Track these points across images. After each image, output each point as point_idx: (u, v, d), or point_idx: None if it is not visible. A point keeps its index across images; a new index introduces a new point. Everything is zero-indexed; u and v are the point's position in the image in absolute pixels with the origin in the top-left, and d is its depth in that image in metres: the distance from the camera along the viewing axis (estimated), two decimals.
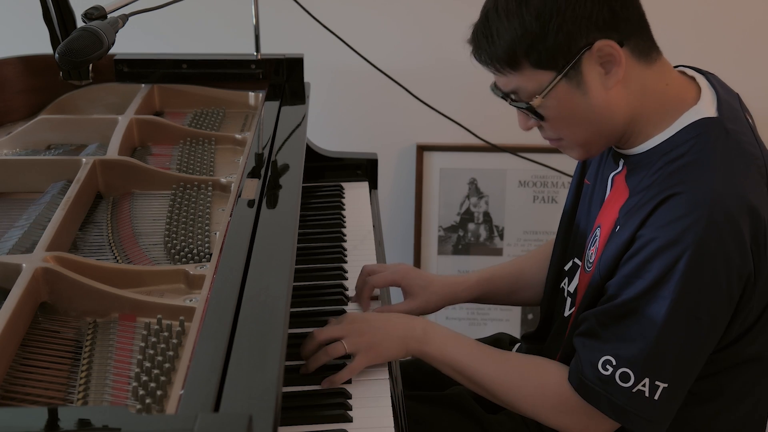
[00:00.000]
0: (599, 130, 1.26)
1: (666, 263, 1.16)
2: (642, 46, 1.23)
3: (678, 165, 1.20)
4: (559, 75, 1.20)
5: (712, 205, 1.15)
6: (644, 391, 1.19)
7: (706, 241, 1.14)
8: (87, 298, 1.16)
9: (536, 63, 1.21)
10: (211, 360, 1.01)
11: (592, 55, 1.19)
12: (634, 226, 1.20)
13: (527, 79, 1.22)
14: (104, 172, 1.50)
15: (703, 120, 1.22)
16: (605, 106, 1.23)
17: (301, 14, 1.99)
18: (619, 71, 1.20)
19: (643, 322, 1.19)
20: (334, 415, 1.25)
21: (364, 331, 1.33)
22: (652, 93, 1.24)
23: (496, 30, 1.21)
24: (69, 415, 0.88)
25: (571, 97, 1.22)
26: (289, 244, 1.30)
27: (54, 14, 1.60)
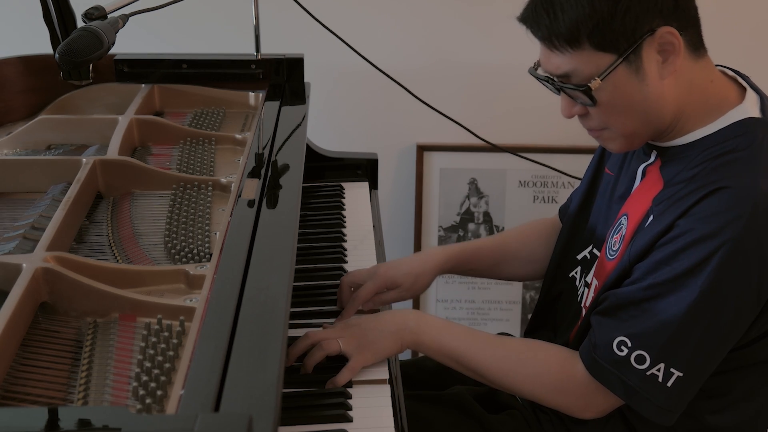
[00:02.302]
0: (648, 120, 1.24)
1: (700, 255, 1.16)
2: (695, 40, 1.23)
3: (724, 160, 1.20)
4: (621, 58, 1.18)
5: (756, 203, 1.15)
6: (658, 375, 1.19)
7: (744, 239, 1.14)
8: (87, 298, 1.16)
9: (598, 44, 1.18)
10: (211, 360, 1.01)
11: (654, 41, 1.18)
12: (675, 215, 1.20)
13: (585, 61, 1.20)
14: (104, 172, 1.50)
15: (749, 119, 1.23)
16: (658, 96, 1.22)
17: (301, 14, 1.99)
18: (676, 61, 1.20)
19: (666, 307, 1.18)
20: (334, 415, 1.25)
21: (358, 333, 1.34)
22: (697, 88, 1.24)
23: (560, 4, 1.19)
24: (69, 415, 0.88)
25: (627, 83, 1.20)
26: (289, 244, 1.30)
27: (54, 14, 1.60)
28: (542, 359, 1.30)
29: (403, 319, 1.36)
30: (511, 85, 2.47)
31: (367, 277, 1.53)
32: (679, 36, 1.19)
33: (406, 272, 1.55)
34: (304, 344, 1.33)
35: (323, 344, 1.31)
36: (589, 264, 1.42)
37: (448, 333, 1.35)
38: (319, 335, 1.33)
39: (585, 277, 1.43)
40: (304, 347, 1.33)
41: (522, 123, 2.49)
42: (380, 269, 1.55)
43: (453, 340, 1.34)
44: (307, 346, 1.33)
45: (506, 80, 2.47)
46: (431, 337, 1.34)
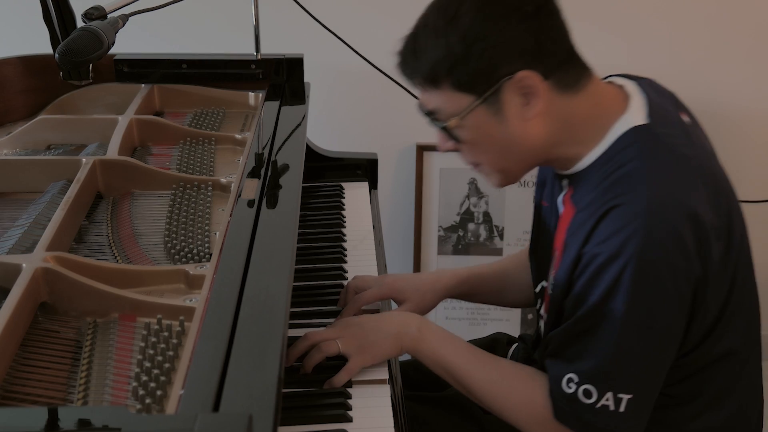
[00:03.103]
0: (516, 158, 1.27)
1: (612, 277, 1.16)
2: (568, 79, 1.23)
3: (614, 178, 1.20)
4: (478, 100, 1.21)
5: (649, 213, 1.14)
6: (608, 405, 1.20)
7: (647, 250, 1.14)
8: (87, 298, 1.16)
9: (457, 85, 1.21)
10: (211, 360, 1.01)
11: (513, 84, 1.19)
12: (579, 243, 1.21)
13: (447, 100, 1.23)
14: (104, 172, 1.50)
15: (633, 129, 1.22)
16: (522, 137, 1.23)
17: (301, 14, 1.99)
18: (538, 104, 1.21)
19: (599, 337, 1.19)
20: (334, 415, 1.25)
21: (358, 333, 1.33)
22: (579, 118, 1.24)
23: (422, 46, 1.22)
24: (69, 415, 0.88)
25: (488, 123, 1.23)
26: (289, 244, 1.30)
27: (54, 14, 1.60)
28: (530, 389, 1.30)
29: (405, 323, 1.36)
30: None
31: (374, 284, 1.53)
32: (540, 81, 1.19)
33: (414, 287, 1.55)
34: (304, 345, 1.33)
35: (322, 346, 1.31)
36: (542, 296, 1.43)
37: (448, 346, 1.34)
38: (318, 336, 1.33)
39: (540, 310, 1.44)
40: (303, 348, 1.33)
41: None
42: (388, 278, 1.56)
43: (451, 354, 1.33)
44: (306, 347, 1.33)
45: None
46: (430, 347, 1.34)
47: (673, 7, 2.46)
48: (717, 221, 1.19)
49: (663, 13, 2.47)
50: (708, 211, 1.18)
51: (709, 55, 2.47)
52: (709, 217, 1.18)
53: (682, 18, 2.46)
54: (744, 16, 2.45)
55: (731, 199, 1.25)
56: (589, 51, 2.50)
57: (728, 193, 1.25)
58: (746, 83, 2.51)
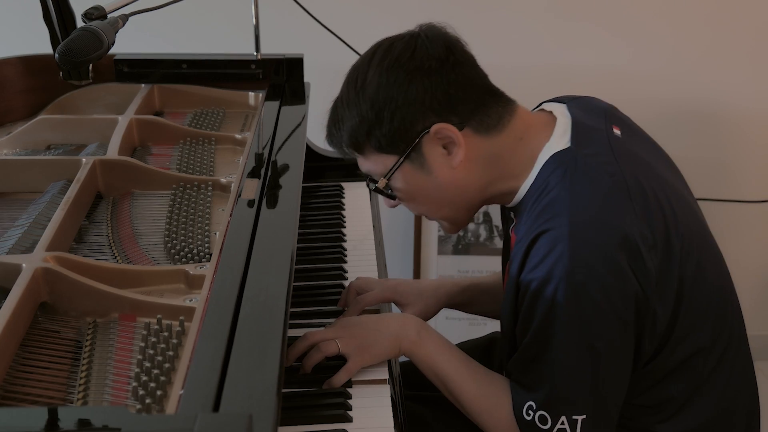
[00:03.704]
0: (454, 204, 1.31)
1: (546, 302, 1.17)
2: (487, 122, 1.26)
3: (541, 205, 1.22)
4: (401, 158, 1.26)
5: (572, 236, 1.16)
6: (565, 428, 1.21)
7: (574, 272, 1.15)
8: (87, 298, 1.16)
9: (378, 147, 1.27)
10: (211, 360, 1.01)
11: (431, 138, 1.24)
12: (515, 272, 1.23)
13: (374, 162, 1.30)
14: (104, 172, 1.50)
15: (554, 155, 1.24)
16: (452, 184, 1.27)
17: (301, 14, 1.99)
18: (459, 152, 1.25)
19: (545, 362, 1.21)
20: (334, 415, 1.25)
21: (357, 333, 1.34)
22: (505, 154, 1.27)
23: (340, 118, 1.30)
24: (69, 415, 0.88)
25: (416, 177, 1.28)
26: (289, 244, 1.30)
27: (54, 14, 1.60)
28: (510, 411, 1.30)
29: (405, 325, 1.36)
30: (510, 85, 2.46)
31: (377, 286, 1.54)
32: (456, 131, 1.23)
33: (417, 292, 1.55)
34: (303, 345, 1.33)
35: (321, 346, 1.31)
36: None
37: (444, 354, 1.35)
38: (318, 336, 1.33)
39: None
40: (303, 348, 1.33)
41: None
42: (391, 282, 1.57)
43: (446, 363, 1.34)
44: (306, 347, 1.33)
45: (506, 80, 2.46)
46: (427, 353, 1.34)
47: (673, 7, 2.46)
48: (649, 233, 1.19)
49: (664, 13, 2.47)
50: (637, 225, 1.18)
51: (710, 55, 2.47)
52: (639, 231, 1.18)
53: (682, 18, 2.46)
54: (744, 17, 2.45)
55: (666, 207, 1.24)
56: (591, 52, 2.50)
57: (662, 202, 1.24)
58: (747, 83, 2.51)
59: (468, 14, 2.44)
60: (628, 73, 2.49)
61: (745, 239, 2.60)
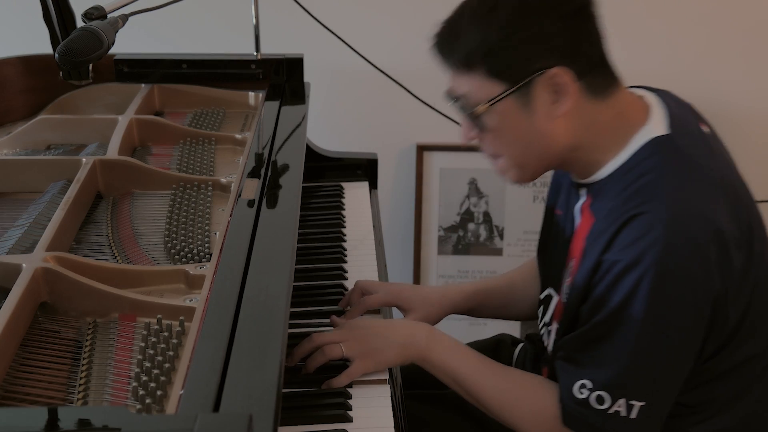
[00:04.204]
0: (538, 154, 1.27)
1: (630, 284, 1.16)
2: (598, 84, 1.24)
3: (635, 187, 1.20)
4: (510, 89, 1.21)
5: (669, 223, 1.15)
6: (620, 411, 1.20)
7: (666, 260, 1.14)
8: (87, 298, 1.16)
9: (490, 72, 1.22)
10: (211, 360, 1.01)
11: (545, 80, 1.20)
12: (599, 251, 1.21)
13: (478, 86, 1.23)
14: (104, 172, 1.50)
15: (654, 139, 1.23)
16: (545, 134, 1.24)
17: (301, 14, 1.99)
18: (566, 103, 1.21)
19: (614, 344, 1.19)
20: (334, 415, 1.25)
21: (363, 337, 1.33)
22: (602, 124, 1.25)
23: (461, 30, 1.23)
24: (69, 415, 0.88)
25: (515, 115, 1.23)
26: (289, 244, 1.30)
27: (54, 14, 1.60)
28: (540, 398, 1.30)
29: (412, 332, 1.35)
30: None
31: (381, 289, 1.53)
32: (573, 80, 1.20)
33: (421, 298, 1.54)
34: (308, 347, 1.32)
35: (325, 349, 1.31)
36: (548, 304, 1.42)
37: (457, 355, 1.33)
38: (323, 338, 1.33)
39: (544, 318, 1.44)
40: (308, 349, 1.32)
41: None
42: (396, 285, 1.56)
43: (460, 364, 1.33)
44: (311, 349, 1.32)
45: None
46: (439, 357, 1.33)
47: (669, 6, 2.46)
48: (737, 232, 1.19)
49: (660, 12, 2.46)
50: (728, 222, 1.18)
51: (707, 54, 2.47)
52: (729, 228, 1.18)
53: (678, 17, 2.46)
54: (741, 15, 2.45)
55: (751, 209, 1.25)
56: None
57: (748, 203, 1.25)
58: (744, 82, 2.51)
59: None
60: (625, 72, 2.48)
61: None
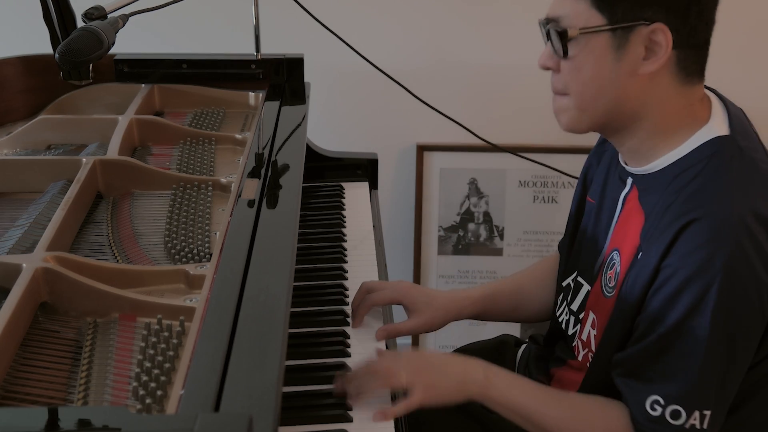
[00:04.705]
0: (603, 103, 1.23)
1: (697, 292, 1.14)
2: (688, 64, 1.21)
3: (694, 187, 1.18)
4: (609, 26, 1.18)
5: (736, 228, 1.12)
6: (695, 423, 1.17)
7: (735, 265, 1.12)
8: (87, 298, 1.16)
9: (598, 2, 1.19)
10: (211, 360, 1.01)
11: (646, 33, 1.17)
12: (658, 256, 1.18)
13: (580, 12, 1.20)
14: (104, 172, 1.50)
15: (716, 139, 1.21)
16: (622, 86, 1.21)
17: (301, 14, 1.99)
18: (655, 64, 1.19)
19: (683, 355, 1.16)
20: (335, 415, 1.25)
21: (423, 369, 1.29)
22: (673, 107, 1.22)
23: None
24: (69, 415, 0.88)
25: (603, 53, 1.20)
26: (289, 244, 1.30)
27: (54, 14, 1.60)
28: (609, 419, 1.26)
29: (469, 370, 1.31)
30: (511, 85, 2.47)
31: (389, 287, 1.53)
32: (671, 42, 1.17)
33: (426, 301, 1.53)
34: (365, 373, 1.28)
35: (390, 380, 1.27)
36: (575, 292, 1.40)
37: (517, 388, 1.30)
38: (383, 367, 1.29)
39: (569, 305, 1.42)
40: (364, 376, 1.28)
41: (522, 123, 2.49)
42: (404, 284, 1.55)
43: (522, 397, 1.29)
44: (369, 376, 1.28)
45: (506, 80, 2.47)
46: (501, 393, 1.29)
47: None
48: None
49: None
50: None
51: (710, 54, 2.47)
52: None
53: None
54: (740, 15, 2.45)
55: None
56: None
57: None
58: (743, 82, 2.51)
59: (468, 14, 2.44)
60: None
61: None
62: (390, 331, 1.48)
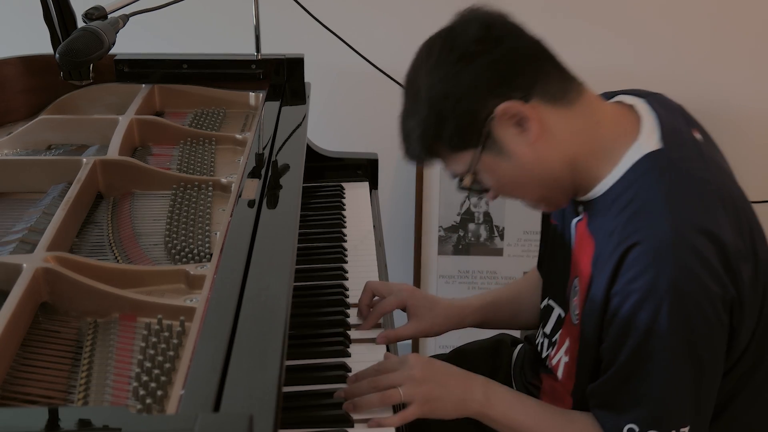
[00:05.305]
0: (545, 184, 1.25)
1: (649, 317, 1.14)
2: (553, 91, 1.21)
3: (632, 210, 1.17)
4: (478, 150, 1.21)
5: (675, 246, 1.12)
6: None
7: (681, 283, 1.12)
8: (87, 298, 1.16)
9: (451, 147, 1.23)
10: (211, 360, 1.01)
11: (499, 120, 1.19)
12: (606, 284, 1.18)
13: (455, 163, 1.25)
14: (105, 172, 1.50)
15: (646, 156, 1.20)
16: (536, 162, 1.22)
17: (301, 14, 1.99)
18: (533, 125, 1.19)
19: (648, 379, 1.17)
20: (335, 416, 1.25)
21: (425, 381, 1.28)
22: (583, 134, 1.22)
23: (408, 130, 1.25)
24: (69, 415, 0.88)
25: (499, 165, 1.23)
26: (289, 244, 1.30)
27: (54, 14, 1.60)
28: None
29: (470, 387, 1.30)
30: None
31: (392, 289, 1.53)
32: (522, 104, 1.18)
33: (428, 307, 1.53)
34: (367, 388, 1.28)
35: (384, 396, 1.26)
36: (547, 315, 1.40)
37: (517, 407, 1.30)
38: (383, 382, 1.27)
39: (543, 328, 1.42)
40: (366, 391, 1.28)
41: None
42: (407, 288, 1.55)
43: (522, 416, 1.29)
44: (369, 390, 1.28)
45: None
46: (501, 412, 1.29)
47: (675, 7, 2.46)
48: (742, 243, 1.17)
49: (666, 13, 2.46)
50: (731, 235, 1.15)
51: (712, 55, 2.47)
52: (734, 240, 1.15)
53: (685, 19, 2.46)
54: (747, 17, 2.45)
55: (751, 218, 1.22)
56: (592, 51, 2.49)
57: (748, 212, 1.22)
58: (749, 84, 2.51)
59: None
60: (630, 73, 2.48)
61: None
62: (390, 337, 1.48)
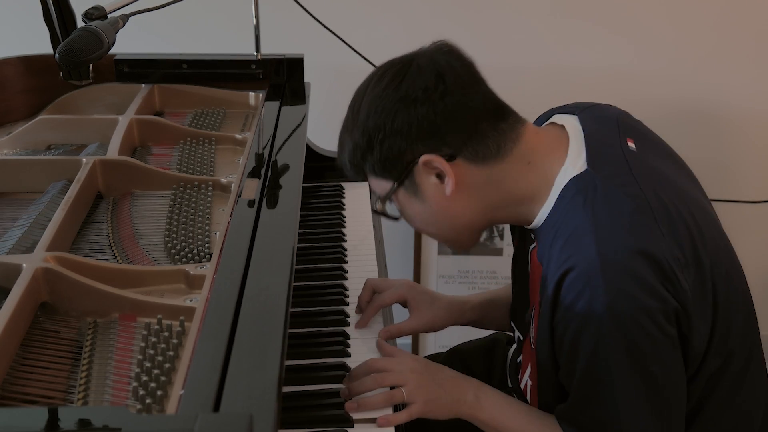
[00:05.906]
0: (454, 228, 1.29)
1: (590, 342, 1.14)
2: (484, 151, 1.22)
3: (563, 239, 1.18)
4: (396, 184, 1.25)
5: (603, 269, 1.12)
6: None
7: (615, 304, 1.12)
8: (87, 298, 1.16)
9: (373, 172, 1.27)
10: (211, 360, 1.01)
11: (422, 167, 1.22)
12: (549, 312, 1.19)
13: (375, 185, 1.29)
14: (104, 172, 1.50)
15: (572, 180, 1.20)
16: (447, 212, 1.25)
17: (301, 14, 1.99)
18: (450, 183, 1.21)
19: (605, 401, 1.17)
20: (335, 416, 1.25)
21: (425, 384, 1.29)
22: (510, 180, 1.23)
23: (343, 141, 1.29)
24: (69, 415, 0.88)
25: (412, 203, 1.27)
26: (289, 244, 1.30)
27: (54, 14, 1.60)
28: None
29: (462, 388, 1.31)
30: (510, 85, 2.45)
31: (393, 284, 1.54)
32: (444, 162, 1.20)
33: (428, 301, 1.53)
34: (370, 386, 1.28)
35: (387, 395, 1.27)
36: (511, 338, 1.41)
37: (506, 412, 1.30)
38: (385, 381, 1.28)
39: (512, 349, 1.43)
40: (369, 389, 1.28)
41: None
42: (408, 282, 1.55)
43: (511, 421, 1.30)
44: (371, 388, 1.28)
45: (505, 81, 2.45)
46: (491, 415, 1.30)
47: (676, 8, 2.46)
48: (679, 252, 1.16)
49: (666, 14, 2.47)
50: (666, 246, 1.15)
51: (712, 56, 2.47)
52: (670, 251, 1.15)
53: (685, 19, 2.46)
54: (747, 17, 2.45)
55: (690, 223, 1.20)
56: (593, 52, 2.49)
57: (686, 218, 1.20)
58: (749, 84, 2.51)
59: (469, 14, 2.44)
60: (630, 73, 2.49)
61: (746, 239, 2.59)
62: (392, 332, 1.48)
